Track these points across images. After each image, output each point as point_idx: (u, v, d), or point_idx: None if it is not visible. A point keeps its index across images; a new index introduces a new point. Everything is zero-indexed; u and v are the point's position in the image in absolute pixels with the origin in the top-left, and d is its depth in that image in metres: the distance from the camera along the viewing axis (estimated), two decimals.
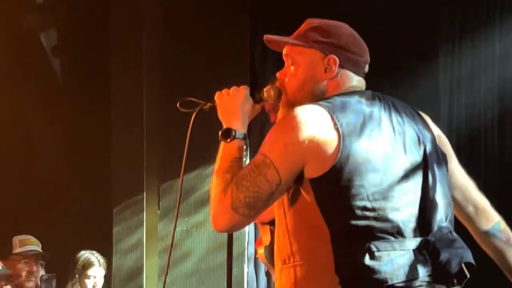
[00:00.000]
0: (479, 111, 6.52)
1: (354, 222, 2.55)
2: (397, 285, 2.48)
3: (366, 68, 2.85)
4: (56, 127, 6.49)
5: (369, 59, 2.85)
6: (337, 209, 2.58)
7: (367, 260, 2.50)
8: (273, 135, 2.66)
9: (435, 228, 2.62)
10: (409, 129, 2.77)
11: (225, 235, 3.82)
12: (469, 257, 2.57)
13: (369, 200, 2.58)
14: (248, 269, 6.18)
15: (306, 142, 2.58)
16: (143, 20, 6.19)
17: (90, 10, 6.34)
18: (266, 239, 4.17)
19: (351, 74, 2.77)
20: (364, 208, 2.56)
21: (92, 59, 6.41)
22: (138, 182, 6.18)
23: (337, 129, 2.54)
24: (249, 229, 5.88)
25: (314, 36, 2.78)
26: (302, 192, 2.64)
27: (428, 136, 2.81)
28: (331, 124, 2.56)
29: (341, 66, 2.75)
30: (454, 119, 6.36)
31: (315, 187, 2.59)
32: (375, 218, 2.58)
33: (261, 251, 4.21)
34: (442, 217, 2.66)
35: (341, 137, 2.54)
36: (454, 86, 6.41)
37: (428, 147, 2.76)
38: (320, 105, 2.63)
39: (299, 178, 2.60)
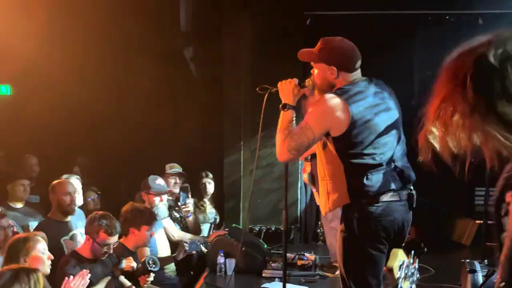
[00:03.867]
0: None
1: (356, 161, 3.39)
2: (379, 192, 3.37)
3: (358, 64, 3.53)
4: (196, 105, 7.87)
5: (358, 59, 3.53)
6: (347, 154, 3.38)
7: (365, 180, 3.35)
8: (312, 111, 3.41)
9: (399, 160, 3.48)
10: (389, 102, 3.51)
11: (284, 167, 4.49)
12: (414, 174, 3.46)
13: (366, 149, 3.37)
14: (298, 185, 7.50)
15: (331, 116, 3.36)
16: (242, 42, 7.34)
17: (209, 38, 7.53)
18: (308, 169, 5.24)
19: (346, 73, 3.49)
20: (363, 154, 3.38)
21: (210, 67, 7.75)
22: (238, 135, 7.50)
23: (348, 110, 3.33)
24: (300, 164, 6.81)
25: (322, 55, 3.52)
26: (328, 143, 3.42)
27: (397, 107, 3.57)
28: (345, 106, 3.34)
29: (339, 70, 3.49)
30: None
31: (335, 141, 3.36)
32: (369, 159, 3.38)
33: (305, 175, 5.48)
34: (402, 153, 3.52)
35: (350, 114, 3.33)
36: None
37: (398, 114, 3.54)
38: (338, 94, 3.38)
39: (327, 135, 3.37)
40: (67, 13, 7.05)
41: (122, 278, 4.38)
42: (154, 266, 4.31)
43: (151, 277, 4.34)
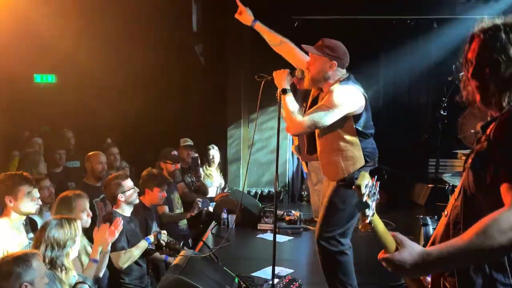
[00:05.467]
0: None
1: (367, 131, 3.53)
2: (373, 157, 3.56)
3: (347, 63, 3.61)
4: (204, 91, 7.88)
5: (349, 60, 3.57)
6: (363, 127, 3.51)
7: (371, 147, 3.55)
8: (334, 98, 3.40)
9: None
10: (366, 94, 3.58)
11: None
12: None
13: (369, 124, 3.54)
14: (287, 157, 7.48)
15: (352, 101, 3.43)
16: (243, 39, 7.24)
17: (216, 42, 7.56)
18: (296, 142, 5.52)
19: (341, 70, 3.55)
20: (369, 126, 3.55)
21: (216, 60, 7.69)
22: (239, 114, 7.52)
23: (363, 94, 3.46)
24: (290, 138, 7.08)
25: (326, 50, 3.51)
26: (345, 122, 3.46)
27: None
28: (360, 92, 3.45)
29: (337, 66, 3.51)
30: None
31: (356, 119, 3.46)
32: (371, 130, 3.57)
33: (293, 147, 5.71)
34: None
35: (365, 97, 3.48)
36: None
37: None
38: (351, 84, 3.46)
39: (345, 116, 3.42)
40: (99, 16, 7.06)
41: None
42: (180, 247, 4.25)
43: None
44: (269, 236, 5.34)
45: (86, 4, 6.83)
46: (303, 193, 7.53)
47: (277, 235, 4.65)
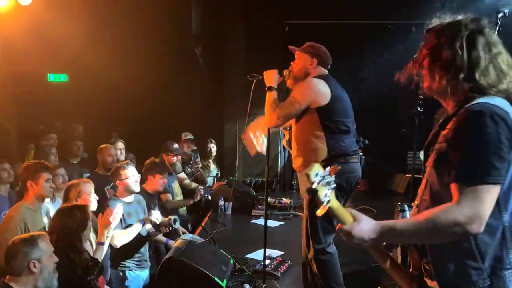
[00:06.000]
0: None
1: (335, 127, 3.34)
2: (350, 153, 3.39)
3: (329, 65, 3.57)
4: (203, 90, 7.82)
5: (330, 61, 3.55)
6: (330, 121, 3.33)
7: (341, 143, 3.36)
8: (299, 89, 3.41)
9: (354, 131, 3.50)
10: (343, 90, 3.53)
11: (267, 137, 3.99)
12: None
13: (342, 119, 3.38)
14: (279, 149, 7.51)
15: (315, 92, 3.34)
16: (239, 43, 7.39)
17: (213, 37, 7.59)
18: (287, 136, 4.59)
19: (321, 68, 3.52)
20: (340, 121, 3.37)
21: (214, 61, 7.78)
22: (234, 111, 7.43)
23: (328, 87, 3.33)
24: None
25: (310, 49, 3.52)
26: (309, 114, 3.34)
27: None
28: (326, 85, 3.32)
29: (318, 64, 3.49)
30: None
31: (319, 111, 3.32)
32: (344, 126, 3.38)
33: (284, 141, 4.71)
34: (354, 127, 3.54)
35: (331, 90, 3.33)
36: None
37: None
38: (319, 78, 3.38)
39: (308, 108, 3.33)
40: (107, 20, 7.06)
41: (149, 227, 4.27)
42: (175, 223, 4.26)
43: (170, 229, 4.34)
44: (262, 221, 5.37)
45: (96, 9, 6.84)
46: (293, 182, 7.55)
47: (269, 221, 4.73)
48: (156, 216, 4.20)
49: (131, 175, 4.21)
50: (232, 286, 3.77)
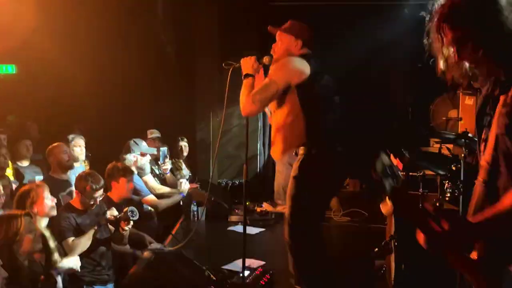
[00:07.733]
0: None
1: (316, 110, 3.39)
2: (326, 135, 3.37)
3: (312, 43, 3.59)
4: (172, 80, 7.76)
5: (313, 41, 3.58)
6: (311, 103, 3.37)
7: (324, 125, 3.41)
8: (274, 69, 3.44)
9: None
10: None
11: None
12: None
13: (326, 100, 3.45)
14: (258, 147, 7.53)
15: (291, 69, 3.37)
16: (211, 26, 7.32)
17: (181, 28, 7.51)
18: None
19: (306, 50, 3.55)
20: (325, 104, 3.43)
21: (184, 48, 7.69)
22: (208, 105, 7.42)
23: (306, 63, 3.37)
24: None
25: (293, 30, 3.56)
26: (291, 94, 3.37)
27: None
28: (303, 61, 3.38)
29: (303, 45, 3.55)
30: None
31: (299, 90, 3.35)
32: (330, 111, 3.46)
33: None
34: None
35: (310, 66, 3.35)
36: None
37: None
38: (300, 57, 3.43)
39: (289, 88, 3.35)
40: (59, 5, 6.84)
41: (109, 226, 4.33)
42: (133, 215, 4.22)
43: (130, 224, 4.28)
44: (240, 228, 5.32)
45: None
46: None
47: (248, 227, 4.78)
48: (112, 213, 4.25)
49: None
50: None
